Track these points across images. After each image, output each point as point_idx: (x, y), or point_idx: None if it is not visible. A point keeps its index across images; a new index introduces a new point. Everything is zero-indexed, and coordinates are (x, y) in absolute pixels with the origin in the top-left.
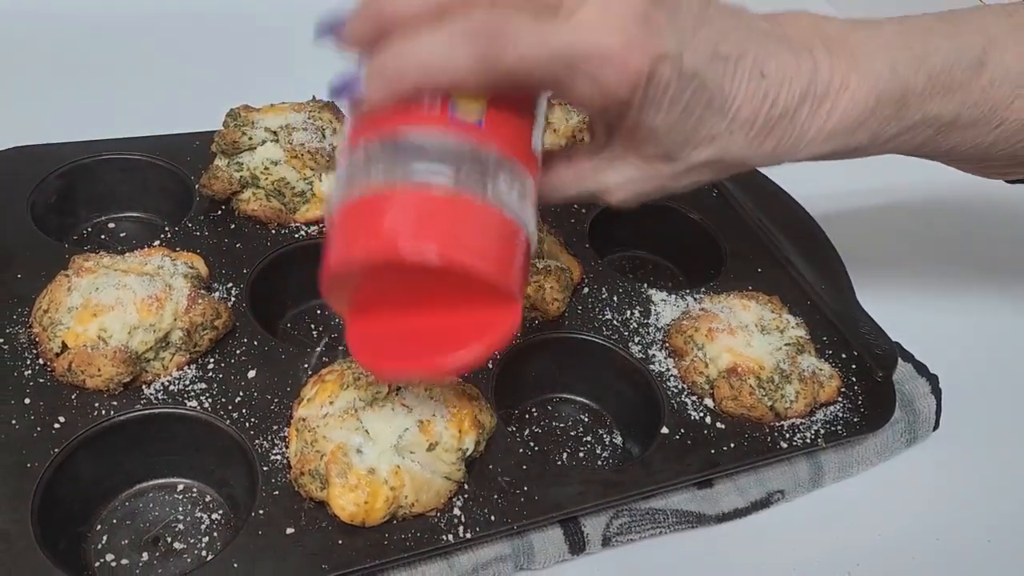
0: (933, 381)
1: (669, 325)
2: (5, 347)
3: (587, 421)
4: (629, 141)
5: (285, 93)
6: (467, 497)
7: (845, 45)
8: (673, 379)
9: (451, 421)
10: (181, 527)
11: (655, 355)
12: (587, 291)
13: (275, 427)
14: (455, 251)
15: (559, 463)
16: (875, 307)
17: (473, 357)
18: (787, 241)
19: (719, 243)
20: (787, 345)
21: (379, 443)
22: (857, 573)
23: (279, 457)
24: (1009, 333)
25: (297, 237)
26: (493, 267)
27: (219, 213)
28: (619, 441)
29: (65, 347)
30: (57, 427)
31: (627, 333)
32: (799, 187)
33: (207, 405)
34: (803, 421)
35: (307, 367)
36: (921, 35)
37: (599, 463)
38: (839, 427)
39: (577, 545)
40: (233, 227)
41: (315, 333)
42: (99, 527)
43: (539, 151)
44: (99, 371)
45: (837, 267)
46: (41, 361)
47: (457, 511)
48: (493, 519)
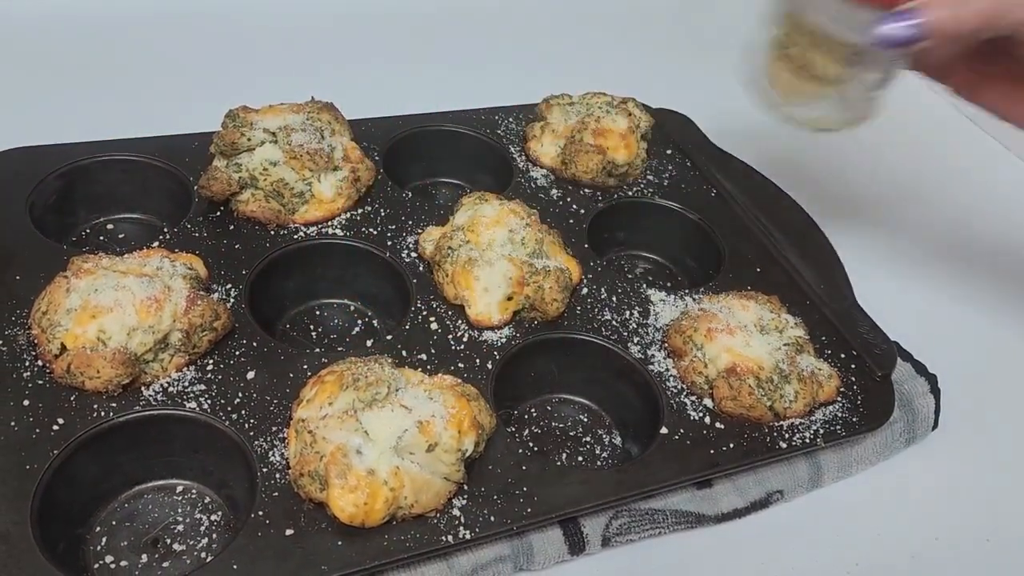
0: (932, 380)
1: (668, 325)
2: (4, 349)
3: (586, 421)
4: None
5: (284, 94)
6: (467, 498)
7: None
8: (672, 379)
9: (450, 422)
10: (180, 528)
11: (654, 355)
12: (586, 291)
13: (274, 428)
14: None
15: (558, 463)
16: (873, 306)
17: None
18: (786, 241)
19: (718, 243)
20: (786, 345)
21: (378, 444)
22: (856, 573)
23: (278, 458)
24: (1008, 333)
25: (296, 238)
26: None
27: (218, 214)
28: (618, 441)
29: (64, 349)
30: (56, 429)
31: (626, 333)
32: (798, 187)
33: (206, 406)
34: (802, 421)
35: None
36: None
37: (598, 463)
38: (838, 427)
39: (577, 545)
40: (232, 228)
41: (314, 334)
42: (98, 529)
43: None
44: (98, 373)
45: (836, 267)
46: (40, 363)
47: (457, 512)
48: (493, 520)
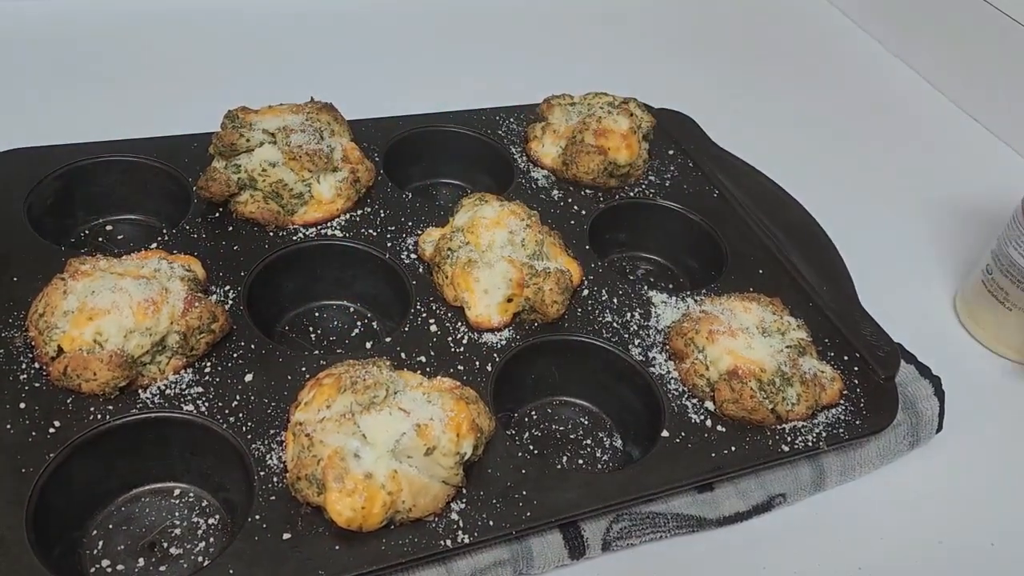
0: (936, 383)
1: (669, 327)
2: (0, 351)
3: (587, 424)
4: None
5: (283, 94)
6: (465, 502)
7: None
8: (674, 382)
9: (449, 425)
10: (177, 532)
11: (655, 357)
12: (587, 293)
13: (272, 431)
14: None
15: (559, 467)
16: (877, 308)
17: None
18: (789, 242)
19: (720, 244)
20: (788, 347)
21: (376, 447)
22: None
23: (276, 461)
24: None
25: (295, 239)
26: None
27: (217, 215)
28: (619, 444)
29: (61, 351)
30: (52, 432)
31: (627, 335)
32: (801, 188)
33: (203, 409)
34: (805, 424)
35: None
36: None
37: (599, 466)
38: (841, 430)
39: (577, 550)
40: (231, 229)
41: (313, 336)
42: (94, 532)
43: None
44: (95, 375)
45: (839, 268)
46: (37, 365)
47: (455, 516)
48: (492, 524)
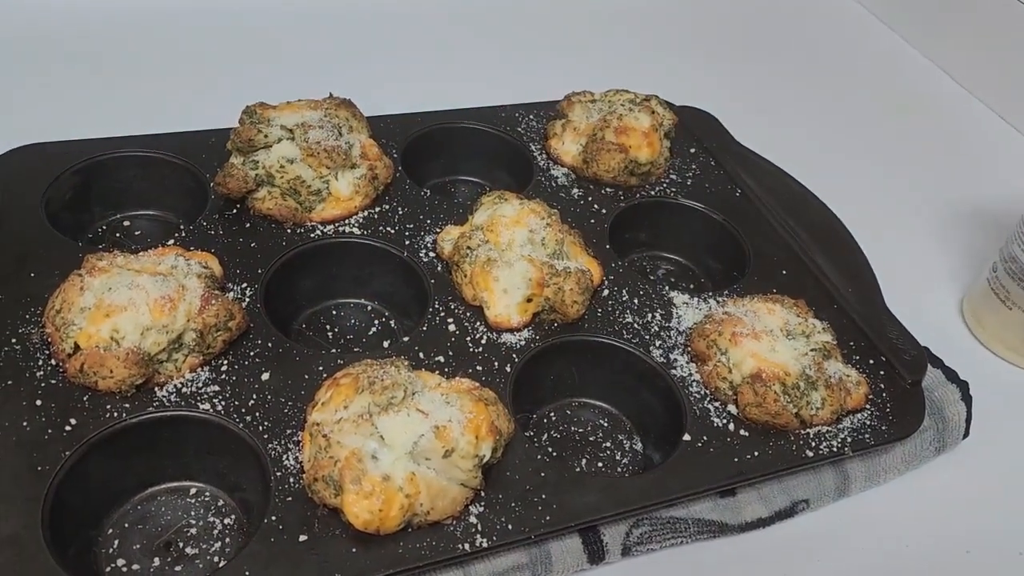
0: (963, 387)
1: (691, 329)
2: (18, 347)
3: (607, 426)
4: None
5: (302, 90)
6: (484, 505)
7: None
8: (695, 384)
9: (468, 427)
10: (193, 532)
11: (677, 359)
12: (607, 293)
13: (288, 431)
14: None
15: (578, 469)
16: (903, 310)
17: None
18: (813, 243)
19: (742, 244)
20: (813, 350)
21: (394, 449)
22: None
23: (292, 462)
24: None
25: (313, 236)
26: None
27: (234, 212)
28: (639, 447)
29: (77, 348)
30: (68, 429)
31: (648, 336)
32: (825, 186)
33: (220, 408)
34: (829, 429)
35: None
36: None
37: (619, 469)
38: (867, 435)
39: (596, 555)
40: (248, 226)
41: (330, 334)
42: (110, 531)
43: None
44: (111, 373)
45: (864, 269)
46: (53, 362)
47: (473, 519)
48: (510, 528)
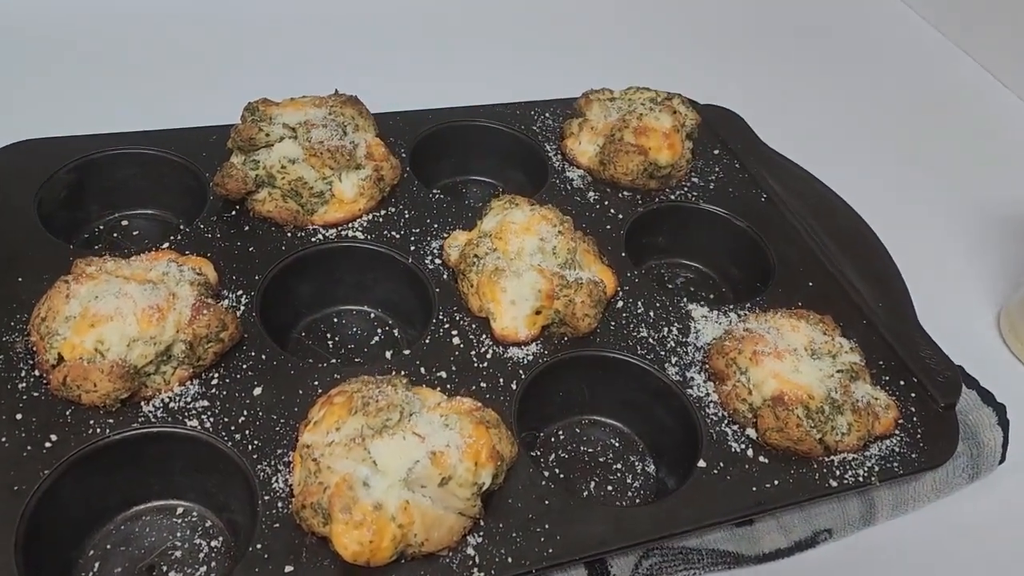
0: (1000, 411)
1: (710, 345)
2: (0, 356)
3: (618, 447)
4: None
5: (307, 86)
6: (483, 535)
7: None
8: (713, 405)
9: (467, 452)
10: (178, 555)
11: (694, 378)
12: (621, 305)
13: (279, 451)
14: None
15: (585, 494)
16: (936, 327)
17: None
18: (841, 253)
19: (767, 253)
20: (839, 372)
21: (387, 475)
22: None
23: (282, 485)
24: None
25: (314, 241)
26: None
27: (233, 213)
28: (652, 470)
29: (61, 359)
30: (49, 446)
31: (664, 352)
32: (856, 194)
33: (208, 425)
34: (855, 456)
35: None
36: None
37: (629, 494)
38: (895, 463)
39: None
40: (247, 229)
41: (330, 343)
42: (91, 552)
43: None
44: (95, 386)
45: (896, 283)
46: (37, 373)
47: (471, 550)
48: (511, 560)
